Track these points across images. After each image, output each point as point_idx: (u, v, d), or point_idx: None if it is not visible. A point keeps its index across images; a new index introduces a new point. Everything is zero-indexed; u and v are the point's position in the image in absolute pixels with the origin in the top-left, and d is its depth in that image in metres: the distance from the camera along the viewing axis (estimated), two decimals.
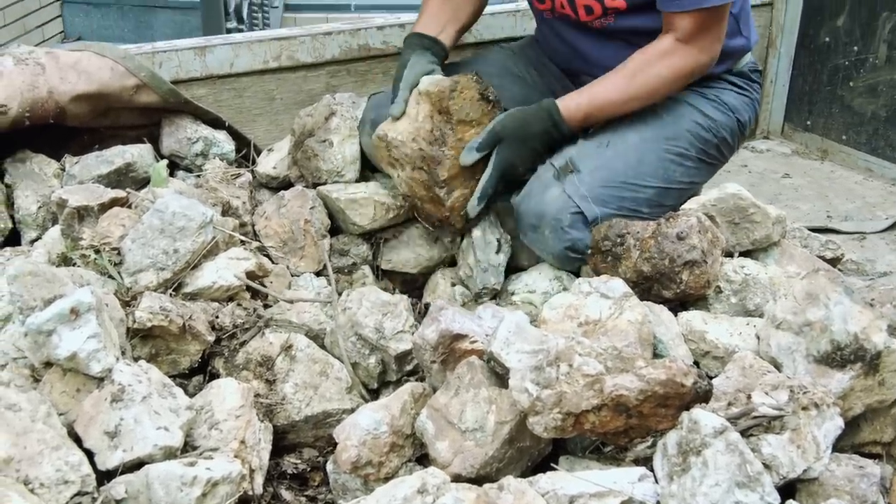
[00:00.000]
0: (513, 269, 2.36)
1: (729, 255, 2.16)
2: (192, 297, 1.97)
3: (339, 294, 2.14)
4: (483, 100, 2.22)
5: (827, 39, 3.50)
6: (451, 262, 2.41)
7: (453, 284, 2.35)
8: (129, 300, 1.91)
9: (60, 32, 5.72)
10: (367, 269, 2.37)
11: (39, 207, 2.30)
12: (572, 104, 2.24)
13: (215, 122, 2.57)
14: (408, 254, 2.39)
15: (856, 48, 3.42)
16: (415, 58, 2.31)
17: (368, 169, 2.48)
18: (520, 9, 3.04)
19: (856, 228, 3.10)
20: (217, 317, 1.94)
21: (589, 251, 2.13)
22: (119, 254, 2.00)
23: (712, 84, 2.42)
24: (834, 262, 2.48)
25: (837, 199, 3.32)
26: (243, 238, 2.13)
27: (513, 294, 2.25)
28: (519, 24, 3.02)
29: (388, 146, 2.23)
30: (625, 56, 2.32)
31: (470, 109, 2.20)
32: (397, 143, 2.22)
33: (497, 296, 2.29)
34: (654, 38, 2.30)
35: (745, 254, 2.19)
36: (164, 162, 2.30)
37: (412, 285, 2.43)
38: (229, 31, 4.08)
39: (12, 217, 2.33)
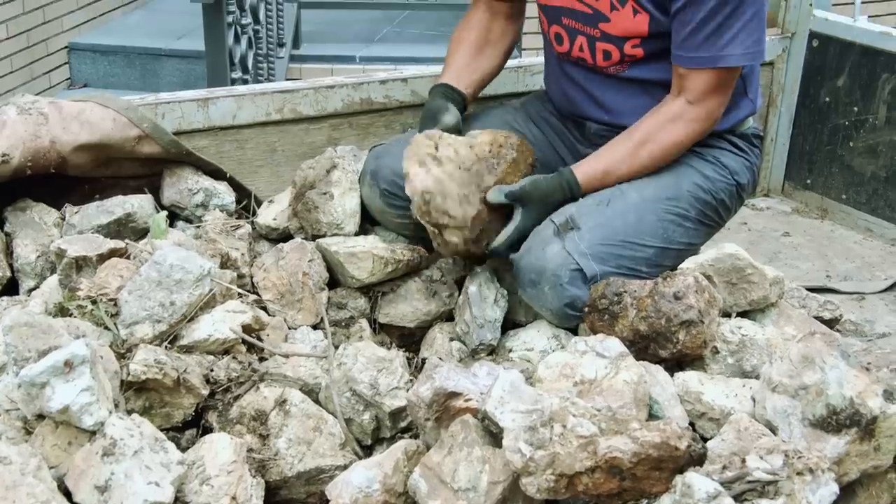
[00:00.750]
0: (511, 324, 2.36)
1: (726, 315, 2.16)
2: (188, 349, 1.96)
3: (336, 347, 2.14)
4: (530, 165, 2.37)
5: (827, 99, 3.52)
6: (450, 317, 2.41)
7: (451, 339, 2.34)
8: (124, 352, 1.90)
9: (67, 79, 5.77)
10: (364, 323, 2.36)
11: (38, 257, 2.31)
12: (589, 173, 2.31)
13: (216, 174, 2.58)
14: (405, 308, 2.39)
15: (856, 109, 3.44)
16: (451, 106, 2.40)
17: (368, 222, 2.49)
18: (522, 65, 3.07)
19: (855, 289, 3.09)
20: (212, 370, 1.94)
21: (586, 309, 2.13)
22: (116, 305, 2.00)
23: (713, 144, 2.43)
24: (832, 322, 2.48)
25: (837, 259, 3.32)
26: (241, 291, 2.13)
27: (510, 351, 2.25)
28: (521, 79, 3.04)
29: (438, 143, 2.27)
30: (636, 103, 2.36)
31: (522, 162, 2.34)
32: (451, 142, 2.27)
33: (494, 352, 2.28)
34: (665, 88, 2.34)
35: (743, 314, 2.19)
36: (164, 213, 2.31)
37: (410, 339, 2.42)
38: (234, 81, 4.10)
39: (11, 266, 2.33)
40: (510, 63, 3.04)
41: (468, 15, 2.58)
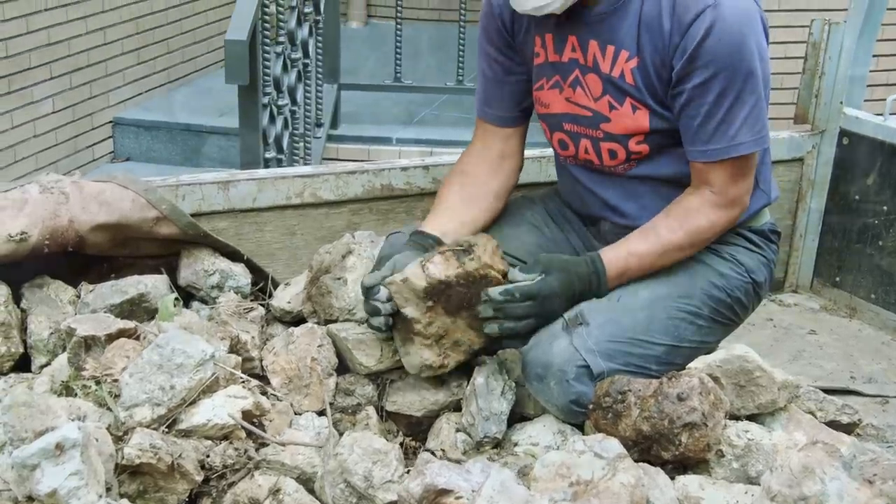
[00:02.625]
0: (519, 417, 2.34)
1: (735, 417, 2.13)
2: (186, 434, 1.96)
3: (341, 435, 2.13)
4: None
5: (857, 197, 3.50)
6: (458, 407, 2.39)
7: (457, 431, 2.32)
8: (121, 435, 1.91)
9: (110, 153, 5.89)
10: (371, 411, 2.35)
11: (51, 333, 2.33)
12: (612, 254, 2.29)
13: (234, 255, 2.61)
14: (413, 396, 2.37)
15: (885, 208, 3.41)
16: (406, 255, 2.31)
17: None
18: (545, 155, 3.07)
19: (878, 391, 3.03)
20: (208, 456, 1.93)
21: (591, 406, 2.11)
22: (119, 386, 2.01)
23: (728, 240, 2.41)
24: (850, 427, 2.43)
25: (863, 360, 3.26)
26: (243, 376, 2.13)
27: (516, 445, 2.23)
28: (543, 170, 3.04)
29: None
30: (646, 204, 2.35)
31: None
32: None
33: (499, 445, 2.26)
34: (674, 185, 2.34)
35: (752, 417, 2.15)
36: (172, 296, 2.33)
37: (417, 428, 2.40)
38: (267, 160, 4.14)
39: (24, 342, 2.36)
40: (533, 153, 3.05)
41: (461, 157, 2.56)
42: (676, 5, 2.19)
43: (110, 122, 5.87)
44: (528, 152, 2.93)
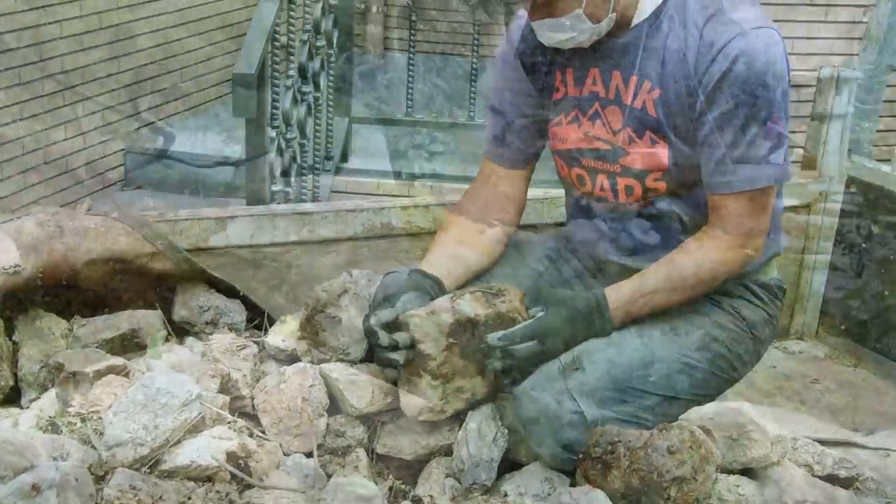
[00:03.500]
0: (511, 463, 2.31)
1: (727, 471, 2.10)
2: (169, 475, 1.95)
3: (329, 477, 2.11)
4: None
5: (863, 245, 3.47)
6: (449, 451, 2.37)
7: (447, 475, 2.29)
8: (102, 475, 1.89)
9: (121, 180, 5.91)
10: (361, 453, 2.32)
11: (42, 367, 2.33)
12: (617, 292, 2.26)
13: (230, 291, 2.60)
14: (404, 440, 2.35)
15: (892, 257, 3.39)
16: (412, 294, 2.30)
17: None
18: (548, 196, 3.07)
19: (880, 444, 2.98)
20: (189, 498, 1.91)
21: (580, 455, 2.08)
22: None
23: (732, 293, 2.37)
24: (848, 481, 2.39)
25: (866, 410, 3.23)
26: (230, 417, 2.12)
27: (505, 495, 2.20)
28: (547, 211, 3.04)
29: None
30: (657, 245, 2.33)
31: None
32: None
33: (489, 492, 2.23)
34: (686, 229, 2.31)
35: (744, 472, 2.12)
36: (162, 333, 2.33)
37: (408, 471, 2.38)
38: (274, 193, 4.15)
39: (15, 375, 2.35)
40: (536, 193, 3.04)
41: (464, 195, 2.53)
42: (704, 35, 2.16)
43: (122, 150, 5.89)
44: (530, 193, 2.93)
